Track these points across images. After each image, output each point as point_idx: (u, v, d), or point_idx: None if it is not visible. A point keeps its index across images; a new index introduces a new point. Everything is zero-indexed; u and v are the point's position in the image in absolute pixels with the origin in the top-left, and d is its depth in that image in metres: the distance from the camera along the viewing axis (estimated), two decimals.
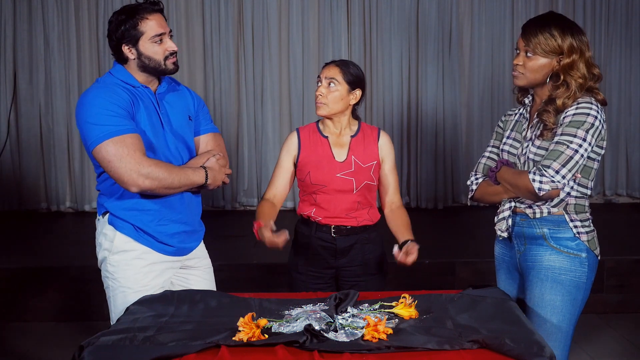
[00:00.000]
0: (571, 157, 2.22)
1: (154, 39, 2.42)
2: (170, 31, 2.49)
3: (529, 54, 2.32)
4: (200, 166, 2.49)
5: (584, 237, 2.34)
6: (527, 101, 2.47)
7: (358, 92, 2.81)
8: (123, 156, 2.29)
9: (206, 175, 2.47)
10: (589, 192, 2.39)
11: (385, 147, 2.86)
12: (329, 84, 2.75)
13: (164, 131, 2.48)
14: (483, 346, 1.91)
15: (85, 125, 2.35)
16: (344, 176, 2.78)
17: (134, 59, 2.44)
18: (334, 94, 2.76)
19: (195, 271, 2.65)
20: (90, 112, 2.34)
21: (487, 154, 2.57)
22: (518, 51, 2.37)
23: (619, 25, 6.48)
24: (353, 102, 2.81)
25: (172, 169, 2.40)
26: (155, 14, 2.44)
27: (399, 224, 2.79)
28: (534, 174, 2.23)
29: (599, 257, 2.38)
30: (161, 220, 2.48)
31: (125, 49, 2.43)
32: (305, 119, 6.29)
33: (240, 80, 6.38)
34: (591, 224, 2.40)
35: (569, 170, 2.23)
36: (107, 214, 2.48)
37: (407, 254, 2.56)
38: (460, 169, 6.43)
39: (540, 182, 2.22)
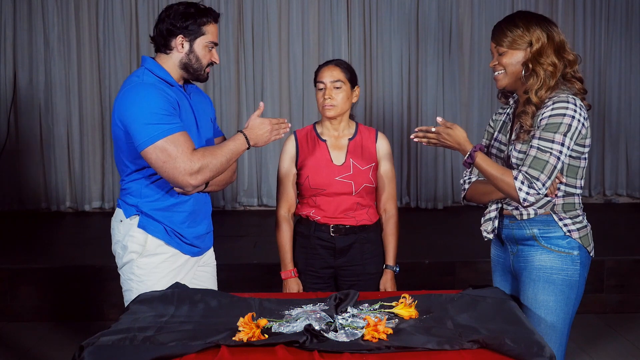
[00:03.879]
0: (555, 167, 2.20)
1: (209, 45, 2.46)
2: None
3: (500, 52, 2.32)
4: (238, 131, 2.47)
5: (575, 235, 2.31)
6: (511, 102, 2.46)
7: (357, 90, 2.84)
8: (178, 155, 2.29)
9: (246, 137, 2.43)
10: (578, 190, 2.35)
11: (382, 149, 2.86)
12: (335, 87, 2.77)
13: (198, 132, 2.50)
14: (483, 346, 1.91)
15: (136, 124, 2.31)
16: (343, 179, 2.78)
17: (182, 53, 2.44)
18: (342, 94, 2.78)
19: (206, 268, 2.67)
20: (144, 110, 2.31)
21: None
22: (434, 128, 2.34)
23: (619, 25, 6.48)
24: (355, 100, 2.83)
25: (214, 150, 2.39)
26: (216, 24, 2.49)
27: (386, 243, 2.90)
28: (522, 183, 2.18)
29: (592, 254, 2.36)
30: (192, 222, 2.51)
31: (179, 40, 2.43)
32: (305, 119, 6.29)
33: (240, 80, 6.38)
34: (584, 220, 2.36)
35: (551, 180, 2.21)
36: (137, 217, 2.46)
37: (385, 289, 2.84)
38: (460, 169, 6.42)
39: (527, 193, 2.18)
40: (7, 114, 6.25)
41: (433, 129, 2.29)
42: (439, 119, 2.30)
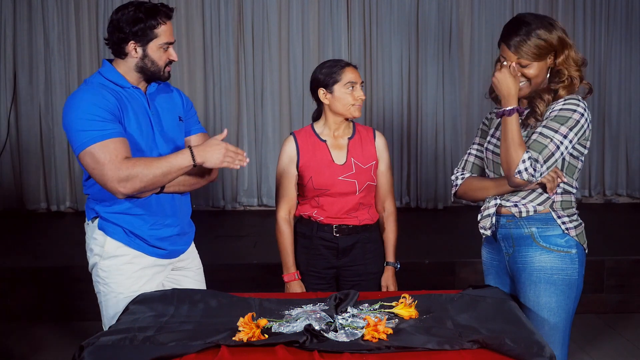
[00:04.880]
0: (552, 154, 2.22)
1: (163, 46, 2.41)
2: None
3: (524, 64, 2.29)
4: (188, 147, 2.38)
5: (572, 232, 2.32)
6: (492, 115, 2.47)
7: None
8: (105, 163, 2.25)
9: (192, 154, 2.32)
10: (574, 190, 2.37)
11: (381, 147, 2.87)
12: (361, 86, 2.80)
13: (153, 133, 2.44)
14: (483, 346, 1.91)
15: (70, 131, 2.31)
16: (346, 179, 2.78)
17: (137, 58, 2.39)
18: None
19: (187, 272, 2.62)
20: (76, 117, 2.29)
21: (473, 151, 2.56)
22: (507, 63, 2.32)
23: (619, 25, 6.48)
24: None
25: (151, 161, 2.31)
26: (169, 21, 2.43)
27: (386, 240, 2.91)
28: (528, 159, 2.18)
29: (587, 251, 2.37)
30: (154, 224, 2.45)
31: (131, 46, 2.38)
32: (305, 118, 6.29)
33: (240, 80, 6.38)
34: (578, 218, 2.38)
35: (547, 168, 2.23)
36: (97, 219, 2.45)
37: (387, 288, 2.84)
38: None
39: (526, 169, 2.19)
40: (7, 114, 6.25)
41: (506, 63, 2.29)
42: (513, 64, 2.28)
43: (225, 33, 6.30)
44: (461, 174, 2.54)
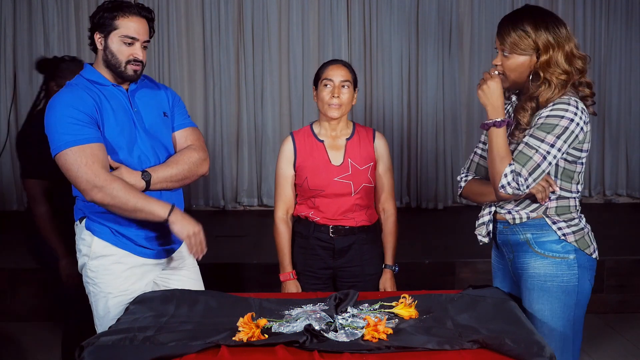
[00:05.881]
0: (538, 165, 2.14)
1: (124, 39, 2.38)
2: (147, 42, 2.45)
3: (505, 54, 2.23)
4: (173, 204, 2.38)
5: (570, 238, 2.25)
6: (513, 98, 2.38)
7: (356, 93, 2.83)
8: (81, 166, 2.27)
9: (171, 211, 2.34)
10: (574, 194, 2.29)
11: (380, 148, 2.85)
12: (343, 86, 2.75)
13: (136, 130, 2.43)
14: (483, 346, 1.91)
15: (49, 132, 2.33)
16: (342, 180, 2.77)
17: (101, 50, 2.42)
18: (347, 95, 2.76)
19: (180, 271, 2.59)
20: (55, 119, 2.31)
21: (478, 151, 2.50)
22: (497, 51, 2.27)
23: (619, 25, 6.48)
24: (354, 102, 2.82)
25: (132, 189, 2.32)
26: (140, 19, 2.40)
27: (385, 242, 2.89)
28: (511, 172, 2.13)
29: (594, 255, 2.30)
30: (141, 223, 2.43)
31: (97, 36, 2.41)
32: (305, 118, 6.29)
33: (240, 80, 6.38)
34: (580, 222, 2.29)
35: (534, 180, 2.15)
36: (85, 219, 2.45)
37: (385, 289, 2.83)
38: (460, 169, 6.42)
39: (509, 183, 2.13)
40: (7, 114, 6.25)
41: (496, 72, 2.23)
42: (496, 71, 2.23)
43: (225, 33, 6.30)
44: (465, 175, 2.51)
